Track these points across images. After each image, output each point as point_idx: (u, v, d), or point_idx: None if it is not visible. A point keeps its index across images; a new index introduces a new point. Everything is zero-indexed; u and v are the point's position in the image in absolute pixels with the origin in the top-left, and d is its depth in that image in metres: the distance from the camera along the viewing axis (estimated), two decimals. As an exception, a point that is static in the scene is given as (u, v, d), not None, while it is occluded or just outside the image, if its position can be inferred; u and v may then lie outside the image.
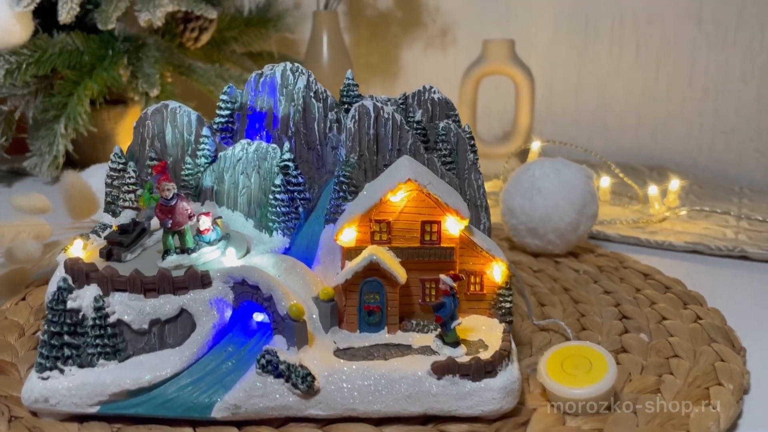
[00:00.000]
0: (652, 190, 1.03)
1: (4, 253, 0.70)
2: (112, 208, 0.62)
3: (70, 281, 0.49)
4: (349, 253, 0.53)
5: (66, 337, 0.48)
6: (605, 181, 1.11)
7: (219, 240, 0.55)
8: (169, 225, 0.52)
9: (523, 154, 1.25)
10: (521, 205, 0.81)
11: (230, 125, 0.64)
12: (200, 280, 0.50)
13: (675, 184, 1.06)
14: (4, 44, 1.13)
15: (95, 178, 0.81)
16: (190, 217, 0.53)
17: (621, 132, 1.49)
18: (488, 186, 0.86)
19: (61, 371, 0.48)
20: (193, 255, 0.53)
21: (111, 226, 0.60)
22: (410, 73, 1.67)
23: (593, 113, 1.51)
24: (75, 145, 1.22)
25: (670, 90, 1.43)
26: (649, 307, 0.68)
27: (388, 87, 1.68)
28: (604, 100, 1.50)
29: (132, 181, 0.61)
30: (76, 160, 1.28)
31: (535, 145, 1.20)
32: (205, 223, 0.54)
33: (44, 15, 1.19)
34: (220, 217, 0.56)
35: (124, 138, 1.34)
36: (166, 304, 0.50)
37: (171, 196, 0.52)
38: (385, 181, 0.53)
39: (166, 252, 0.53)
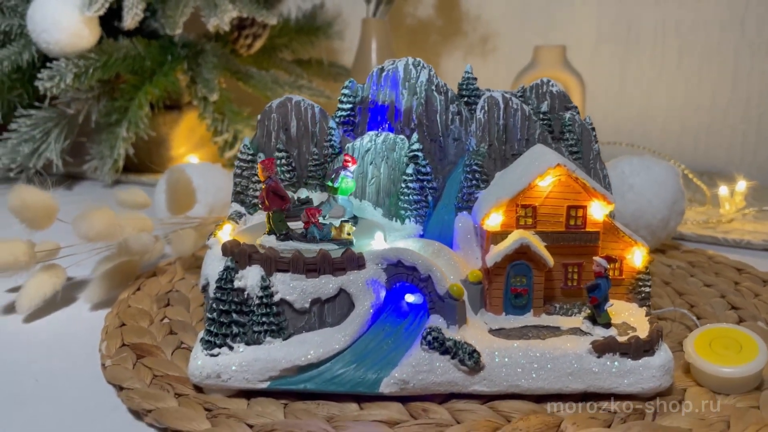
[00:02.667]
0: (723, 190, 1.05)
1: (119, 244, 0.71)
2: (240, 197, 0.63)
3: (236, 261, 0.50)
4: (495, 238, 0.54)
5: (234, 315, 0.50)
6: (666, 185, 1.12)
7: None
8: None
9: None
10: (611, 202, 0.82)
11: (352, 118, 0.65)
12: (357, 261, 0.51)
13: (742, 185, 1.08)
14: (74, 48, 1.15)
15: (193, 176, 0.82)
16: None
17: (663, 139, 1.51)
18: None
19: (231, 348, 0.49)
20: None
21: (243, 214, 0.62)
22: (450, 80, 1.69)
23: (635, 120, 1.53)
24: (134, 149, 1.23)
25: (712, 97, 1.44)
26: (755, 299, 0.70)
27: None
28: (646, 107, 1.52)
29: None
30: (133, 164, 1.30)
31: (647, 155, 1.21)
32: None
33: (105, 21, 1.21)
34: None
35: (177, 143, 1.36)
36: (327, 284, 0.51)
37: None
38: (530, 167, 0.55)
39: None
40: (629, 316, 0.53)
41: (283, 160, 0.63)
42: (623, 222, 0.81)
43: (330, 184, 0.59)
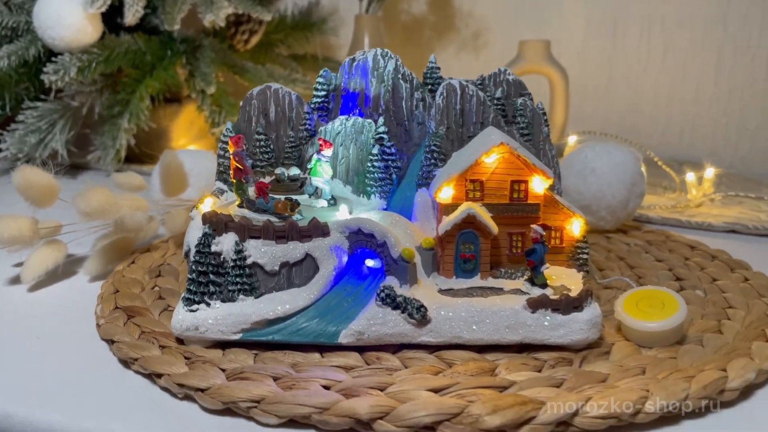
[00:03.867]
0: (690, 176, 1.10)
1: (115, 221, 0.78)
2: (223, 176, 0.70)
3: (213, 229, 0.57)
4: (447, 209, 0.61)
5: (211, 276, 0.56)
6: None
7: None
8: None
9: (559, 149, 1.32)
10: (575, 185, 0.88)
11: (326, 104, 0.71)
12: (321, 229, 0.58)
13: (710, 172, 1.13)
14: (78, 44, 1.21)
15: (185, 161, 0.89)
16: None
17: (649, 131, 1.56)
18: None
19: (208, 304, 0.56)
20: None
21: (225, 191, 0.68)
22: (444, 75, 1.74)
23: (623, 113, 1.58)
24: (136, 140, 1.30)
25: (696, 90, 1.49)
26: (700, 271, 0.75)
27: (421, 89, 1.74)
28: (633, 101, 1.57)
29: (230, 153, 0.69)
30: (135, 155, 1.36)
31: (572, 139, 1.28)
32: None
33: (107, 18, 1.27)
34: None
35: (178, 134, 1.42)
36: (294, 250, 0.57)
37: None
38: (479, 146, 0.61)
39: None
40: (567, 279, 0.59)
41: (262, 143, 0.70)
42: (585, 202, 0.88)
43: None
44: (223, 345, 0.56)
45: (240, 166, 0.61)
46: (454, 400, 0.47)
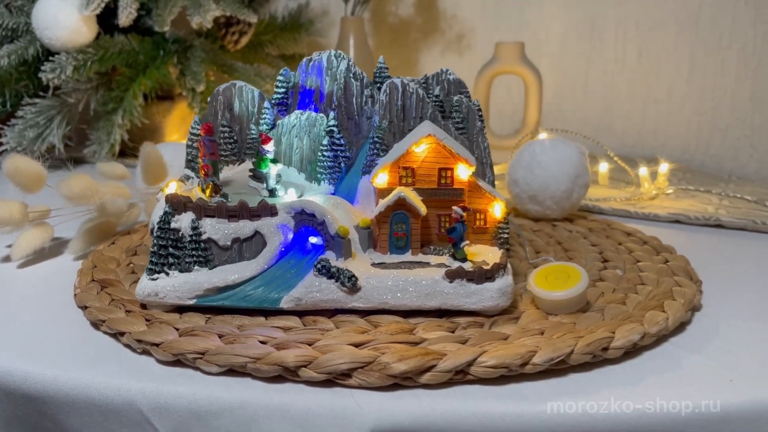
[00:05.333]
0: (642, 171, 1.17)
1: (97, 206, 0.86)
2: (191, 164, 0.78)
3: (173, 208, 0.65)
4: (382, 193, 0.68)
5: (170, 249, 0.64)
6: (603, 167, 1.25)
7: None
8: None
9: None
10: (523, 176, 0.96)
11: (285, 100, 0.79)
12: (270, 209, 0.66)
13: (664, 167, 1.20)
14: (73, 44, 1.30)
15: (165, 152, 0.97)
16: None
17: (625, 130, 1.62)
18: (498, 169, 1.01)
19: (167, 274, 0.64)
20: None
21: (191, 177, 0.76)
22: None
23: (600, 113, 1.64)
24: (129, 136, 1.38)
25: (670, 91, 1.56)
26: (628, 254, 0.83)
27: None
28: (609, 101, 1.63)
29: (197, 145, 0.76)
30: (129, 150, 1.44)
31: (542, 137, 1.35)
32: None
33: (104, 20, 1.36)
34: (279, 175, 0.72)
35: (170, 130, 1.51)
36: (244, 227, 0.65)
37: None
38: (411, 137, 0.69)
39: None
40: (489, 255, 0.67)
41: (227, 134, 0.78)
42: (532, 193, 0.95)
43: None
44: (181, 310, 0.64)
45: (200, 149, 0.69)
46: (369, 351, 0.55)
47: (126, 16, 1.31)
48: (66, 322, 0.65)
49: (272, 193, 0.71)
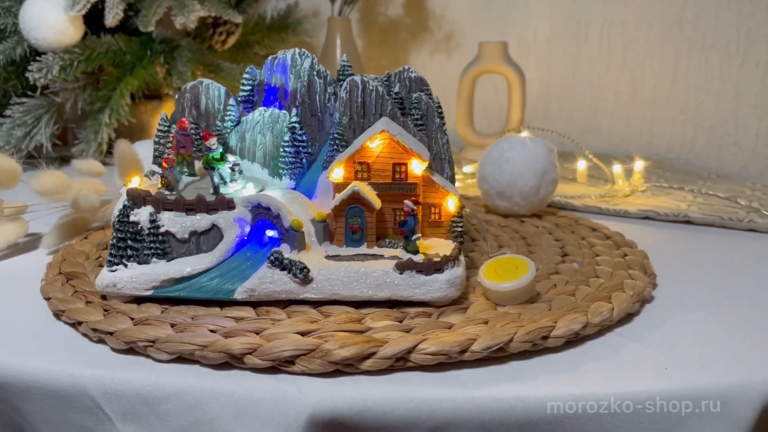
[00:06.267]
0: (616, 168, 1.19)
1: (71, 202, 0.88)
2: (158, 160, 0.79)
3: (132, 202, 0.66)
4: (338, 188, 0.70)
5: (129, 242, 0.66)
6: (582, 165, 1.27)
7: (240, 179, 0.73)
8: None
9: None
10: (492, 173, 0.98)
11: (251, 98, 0.81)
12: (227, 203, 0.67)
13: (639, 164, 1.22)
14: (59, 44, 1.32)
15: (142, 149, 0.99)
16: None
17: (611, 129, 1.64)
18: (477, 166, 1.03)
19: (125, 266, 0.66)
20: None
21: (156, 173, 0.78)
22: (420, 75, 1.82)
23: (586, 112, 1.66)
24: (116, 134, 1.39)
25: (655, 89, 1.57)
26: (588, 249, 0.84)
27: (396, 87, 1.83)
28: (595, 100, 1.65)
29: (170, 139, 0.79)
30: (118, 148, 1.46)
31: (524, 135, 1.36)
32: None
33: (92, 20, 1.38)
34: (238, 164, 0.74)
35: (159, 129, 1.53)
36: (201, 220, 0.67)
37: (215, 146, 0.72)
38: (366, 133, 0.70)
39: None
40: (442, 248, 0.69)
41: (193, 131, 0.79)
42: (501, 189, 0.97)
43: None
44: (139, 300, 0.66)
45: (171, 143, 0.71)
46: (313, 339, 0.57)
47: (113, 16, 1.33)
48: (30, 313, 0.67)
49: (216, 191, 0.72)
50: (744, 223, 0.99)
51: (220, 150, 0.72)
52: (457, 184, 1.24)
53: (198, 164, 0.78)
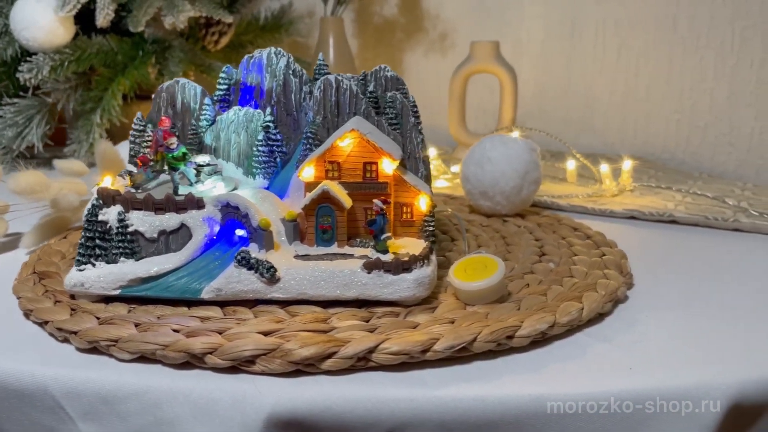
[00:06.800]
0: (603, 168, 1.18)
1: (50, 201, 0.88)
2: (134, 160, 0.79)
3: (101, 201, 0.66)
4: (309, 187, 0.70)
5: (97, 241, 0.66)
6: (571, 164, 1.26)
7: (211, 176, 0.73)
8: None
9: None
10: (474, 173, 0.97)
11: (227, 97, 0.81)
12: (196, 203, 0.67)
13: (627, 164, 1.21)
14: (50, 45, 1.32)
15: (124, 149, 0.99)
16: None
17: (606, 128, 1.63)
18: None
19: (93, 265, 0.66)
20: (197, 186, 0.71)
21: (133, 173, 0.78)
22: (413, 74, 1.83)
23: (581, 111, 1.65)
24: (108, 135, 1.40)
25: (649, 89, 1.56)
26: (567, 249, 0.84)
27: (391, 87, 1.83)
28: (590, 100, 1.64)
29: (150, 139, 0.78)
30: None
31: (514, 135, 1.36)
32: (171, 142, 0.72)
33: (84, 21, 1.38)
34: (211, 164, 0.74)
35: (151, 129, 1.53)
36: (170, 219, 0.67)
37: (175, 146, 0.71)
38: (337, 132, 0.70)
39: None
40: (413, 248, 0.68)
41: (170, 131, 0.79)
42: (483, 188, 0.96)
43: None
44: (108, 300, 0.66)
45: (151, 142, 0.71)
46: (274, 339, 0.56)
47: (103, 17, 1.33)
48: (1, 313, 0.67)
49: (176, 191, 0.71)
50: (729, 223, 0.98)
51: (183, 150, 0.72)
52: (445, 183, 1.24)
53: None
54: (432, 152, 1.36)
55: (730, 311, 0.68)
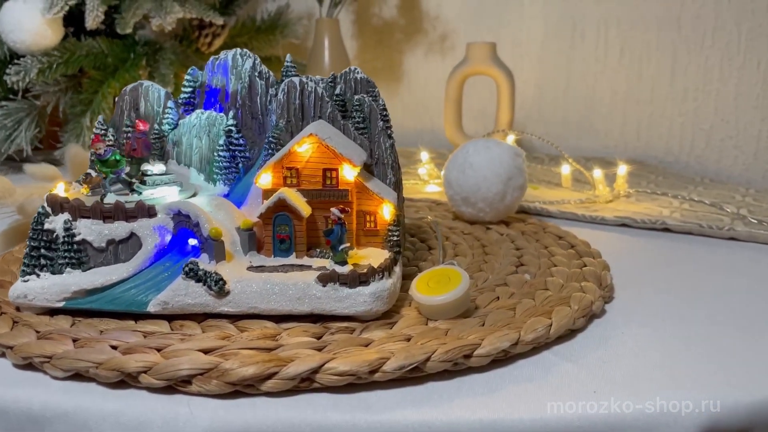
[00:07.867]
0: (597, 173, 1.14)
1: (17, 207, 0.85)
2: (95, 165, 0.77)
3: (48, 208, 0.64)
4: (267, 194, 0.67)
5: (42, 251, 0.63)
6: (566, 169, 1.23)
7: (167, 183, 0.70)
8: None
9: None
10: (456, 178, 0.94)
11: (192, 100, 0.78)
12: (147, 210, 0.64)
13: (622, 169, 1.17)
14: (37, 47, 1.30)
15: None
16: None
17: (607, 131, 1.60)
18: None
19: (38, 275, 0.63)
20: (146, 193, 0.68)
21: (90, 175, 0.75)
22: (412, 76, 1.80)
23: (581, 113, 1.62)
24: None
25: (652, 90, 1.52)
26: (547, 259, 0.80)
27: (391, 89, 1.81)
28: (591, 101, 1.60)
29: (111, 143, 0.76)
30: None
31: (510, 138, 1.32)
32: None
33: (75, 23, 1.36)
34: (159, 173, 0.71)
35: (143, 132, 1.51)
36: (119, 228, 0.64)
37: (102, 151, 0.67)
38: (296, 137, 0.67)
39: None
40: (377, 259, 0.65)
41: (131, 134, 0.77)
42: (464, 194, 0.93)
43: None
44: (53, 312, 0.63)
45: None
46: (213, 358, 0.53)
47: (93, 19, 1.31)
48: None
49: (102, 199, 0.68)
50: (724, 231, 0.94)
51: (115, 156, 0.68)
52: (437, 189, 1.21)
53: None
54: (424, 156, 1.32)
55: (712, 328, 0.64)
